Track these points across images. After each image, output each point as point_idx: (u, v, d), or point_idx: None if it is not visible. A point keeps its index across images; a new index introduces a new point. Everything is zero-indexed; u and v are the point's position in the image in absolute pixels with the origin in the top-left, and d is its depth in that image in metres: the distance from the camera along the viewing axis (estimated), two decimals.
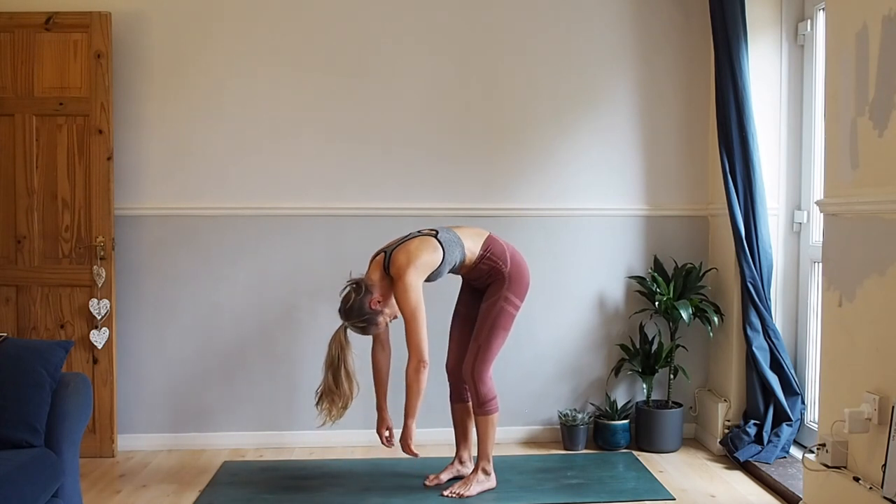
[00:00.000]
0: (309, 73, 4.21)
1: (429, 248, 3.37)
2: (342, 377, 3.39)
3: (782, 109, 4.03)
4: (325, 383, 3.42)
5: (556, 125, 4.30)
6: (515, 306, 3.51)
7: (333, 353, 3.41)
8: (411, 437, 3.42)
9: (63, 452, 2.78)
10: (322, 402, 3.44)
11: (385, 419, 3.58)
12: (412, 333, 3.32)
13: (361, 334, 3.48)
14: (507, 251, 3.53)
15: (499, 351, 3.51)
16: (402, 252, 3.38)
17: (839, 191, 3.03)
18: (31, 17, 3.97)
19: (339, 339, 3.43)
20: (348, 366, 3.41)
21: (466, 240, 3.48)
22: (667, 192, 4.36)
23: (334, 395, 3.40)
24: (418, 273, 3.33)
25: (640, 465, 3.94)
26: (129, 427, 4.19)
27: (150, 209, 4.18)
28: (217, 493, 3.56)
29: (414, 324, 3.31)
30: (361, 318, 3.39)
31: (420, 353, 3.32)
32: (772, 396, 3.87)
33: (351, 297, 3.39)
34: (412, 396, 3.36)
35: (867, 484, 2.80)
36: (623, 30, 4.31)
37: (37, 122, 4.01)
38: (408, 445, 3.43)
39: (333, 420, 3.46)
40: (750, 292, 3.87)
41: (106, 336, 4.04)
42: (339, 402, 3.41)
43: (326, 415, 3.44)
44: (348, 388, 3.41)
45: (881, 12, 2.77)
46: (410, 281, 3.30)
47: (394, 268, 3.35)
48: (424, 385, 3.35)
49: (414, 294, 3.30)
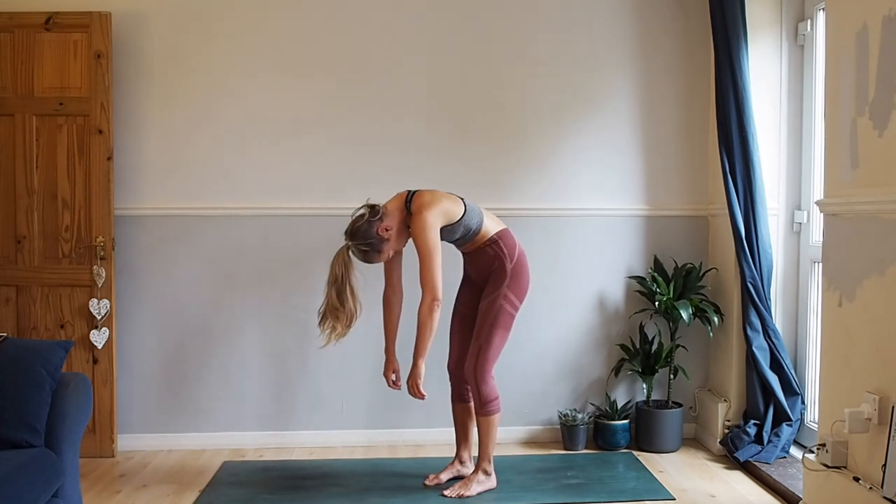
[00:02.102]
0: (309, 73, 4.21)
1: (453, 199, 3.45)
2: (347, 295, 3.38)
3: (782, 109, 4.03)
4: (328, 302, 3.40)
5: (556, 125, 4.30)
6: (514, 306, 3.51)
7: (337, 272, 3.39)
8: (420, 378, 3.39)
9: (63, 452, 2.78)
10: (325, 322, 3.42)
11: (392, 361, 3.59)
12: (427, 270, 3.32)
13: (361, 259, 3.44)
14: (517, 249, 3.54)
15: (500, 351, 3.51)
16: (427, 192, 3.45)
17: (839, 191, 3.03)
18: (31, 17, 3.97)
19: (343, 258, 3.41)
20: (352, 284, 3.39)
21: (487, 218, 3.53)
22: (667, 192, 4.36)
23: (339, 313, 3.39)
24: (438, 215, 3.36)
25: (640, 465, 3.94)
26: (129, 427, 4.19)
27: (150, 209, 4.18)
28: (217, 493, 3.56)
29: (429, 261, 3.31)
30: (366, 241, 3.38)
31: (434, 290, 3.32)
32: (772, 396, 3.87)
33: (363, 217, 3.40)
34: (424, 335, 3.35)
35: (867, 484, 2.80)
36: (623, 30, 4.31)
37: (37, 122, 4.01)
38: (416, 385, 3.40)
39: (337, 339, 3.45)
40: (750, 292, 3.87)
41: (106, 336, 4.04)
42: (343, 319, 3.40)
43: (330, 333, 3.42)
44: (353, 306, 3.40)
45: (881, 12, 2.77)
46: (430, 219, 3.33)
47: (416, 203, 3.39)
48: (437, 324, 3.35)
49: (432, 232, 3.32)
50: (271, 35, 4.20)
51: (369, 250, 3.40)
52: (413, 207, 3.40)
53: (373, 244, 3.39)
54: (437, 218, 3.36)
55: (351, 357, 4.26)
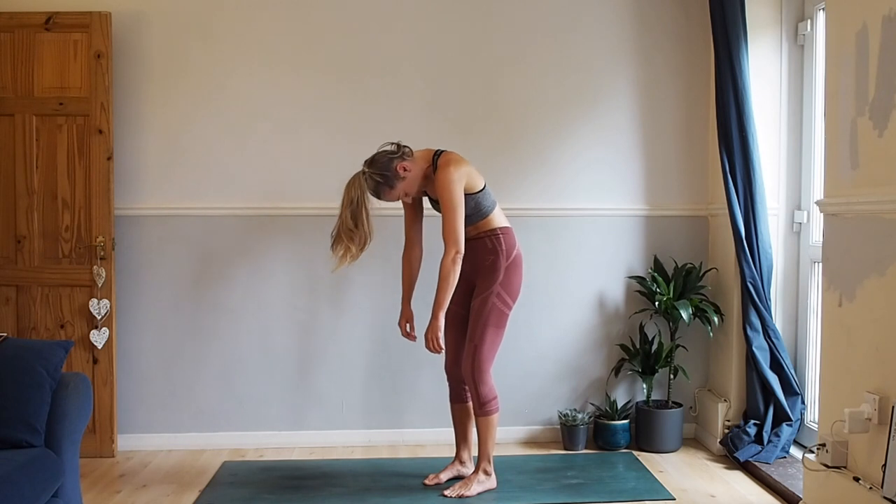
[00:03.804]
0: (309, 73, 4.21)
1: (477, 173, 3.51)
2: (363, 216, 3.40)
3: (782, 109, 4.03)
4: (342, 224, 3.42)
5: (556, 125, 4.30)
6: (507, 304, 3.50)
7: (353, 195, 3.41)
8: (440, 330, 3.41)
9: (63, 452, 2.78)
10: (339, 244, 3.44)
11: (407, 310, 3.65)
12: (451, 223, 3.36)
13: (371, 191, 3.45)
14: (516, 249, 3.54)
15: (496, 350, 3.51)
16: (456, 153, 3.50)
17: (839, 191, 3.03)
18: (31, 17, 3.97)
19: (359, 183, 3.43)
20: (367, 207, 3.42)
21: (497, 210, 3.57)
22: (667, 192, 4.36)
23: (353, 234, 3.41)
24: (463, 175, 3.41)
25: (640, 465, 3.94)
26: (129, 427, 4.19)
27: (150, 209, 4.18)
28: (217, 493, 3.56)
29: (453, 214, 3.35)
30: (381, 173, 3.41)
31: (458, 243, 3.36)
32: (772, 396, 3.87)
33: (387, 152, 3.45)
34: (445, 288, 3.37)
35: (867, 484, 2.80)
36: (623, 30, 4.31)
37: (37, 122, 4.01)
38: (436, 338, 3.41)
39: (350, 262, 3.47)
40: (750, 292, 3.87)
41: (106, 336, 4.04)
42: (357, 240, 3.42)
43: (344, 253, 3.44)
44: (367, 227, 3.42)
45: (881, 12, 2.77)
46: (455, 174, 3.38)
47: (444, 158, 3.45)
48: (458, 277, 3.38)
49: (457, 186, 3.37)
50: (271, 35, 4.20)
51: (382, 182, 3.43)
52: (440, 161, 3.45)
53: (387, 178, 3.42)
54: (461, 176, 3.41)
55: (351, 357, 4.26)
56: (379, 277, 4.24)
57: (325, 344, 4.26)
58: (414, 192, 3.51)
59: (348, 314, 4.26)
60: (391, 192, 3.46)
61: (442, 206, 3.40)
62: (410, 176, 3.45)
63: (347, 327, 4.26)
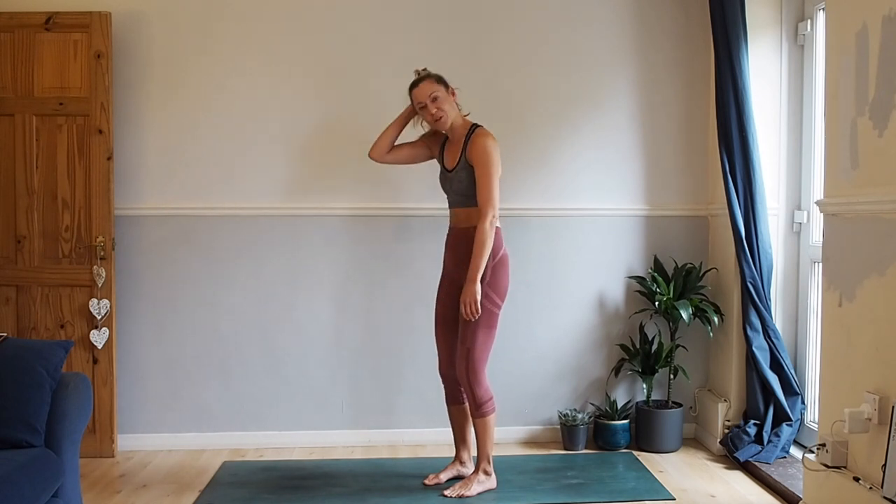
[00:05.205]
0: (309, 73, 4.21)
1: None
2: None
3: (782, 109, 4.03)
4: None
5: (556, 125, 4.30)
6: (496, 304, 3.49)
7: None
8: (477, 294, 3.40)
9: (63, 452, 2.78)
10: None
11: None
12: (487, 185, 3.43)
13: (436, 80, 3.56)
14: (502, 250, 3.52)
15: (489, 350, 3.50)
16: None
17: (839, 191, 3.03)
18: (31, 17, 3.97)
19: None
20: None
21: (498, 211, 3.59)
22: (667, 192, 4.36)
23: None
24: (496, 149, 3.49)
25: (640, 465, 3.94)
26: (129, 427, 4.19)
27: (150, 209, 4.18)
28: (217, 493, 3.56)
29: (490, 180, 3.43)
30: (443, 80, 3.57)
31: (495, 207, 3.43)
32: (772, 396, 3.87)
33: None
34: (482, 253, 3.40)
35: (867, 484, 2.80)
36: (623, 30, 4.31)
37: (37, 122, 4.01)
38: (474, 302, 3.38)
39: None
40: (750, 292, 3.87)
41: (106, 336, 4.04)
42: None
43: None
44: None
45: (881, 12, 2.77)
46: (492, 146, 3.48)
47: (481, 129, 3.56)
48: (493, 239, 3.43)
49: (496, 154, 3.48)
50: (271, 35, 4.20)
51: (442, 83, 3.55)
52: (479, 131, 3.54)
53: (446, 84, 3.56)
54: (497, 150, 3.50)
55: (351, 357, 4.26)
56: (379, 277, 4.24)
57: (325, 344, 4.26)
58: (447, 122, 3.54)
59: (348, 314, 4.26)
60: (444, 96, 3.53)
61: (479, 171, 3.45)
62: (452, 111, 3.55)
63: (348, 327, 4.26)
